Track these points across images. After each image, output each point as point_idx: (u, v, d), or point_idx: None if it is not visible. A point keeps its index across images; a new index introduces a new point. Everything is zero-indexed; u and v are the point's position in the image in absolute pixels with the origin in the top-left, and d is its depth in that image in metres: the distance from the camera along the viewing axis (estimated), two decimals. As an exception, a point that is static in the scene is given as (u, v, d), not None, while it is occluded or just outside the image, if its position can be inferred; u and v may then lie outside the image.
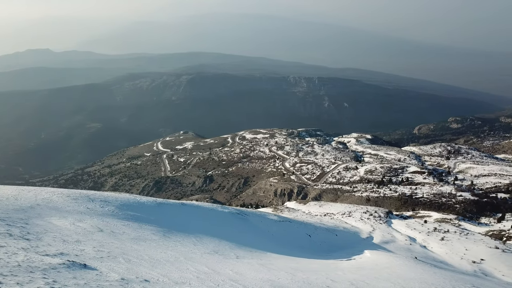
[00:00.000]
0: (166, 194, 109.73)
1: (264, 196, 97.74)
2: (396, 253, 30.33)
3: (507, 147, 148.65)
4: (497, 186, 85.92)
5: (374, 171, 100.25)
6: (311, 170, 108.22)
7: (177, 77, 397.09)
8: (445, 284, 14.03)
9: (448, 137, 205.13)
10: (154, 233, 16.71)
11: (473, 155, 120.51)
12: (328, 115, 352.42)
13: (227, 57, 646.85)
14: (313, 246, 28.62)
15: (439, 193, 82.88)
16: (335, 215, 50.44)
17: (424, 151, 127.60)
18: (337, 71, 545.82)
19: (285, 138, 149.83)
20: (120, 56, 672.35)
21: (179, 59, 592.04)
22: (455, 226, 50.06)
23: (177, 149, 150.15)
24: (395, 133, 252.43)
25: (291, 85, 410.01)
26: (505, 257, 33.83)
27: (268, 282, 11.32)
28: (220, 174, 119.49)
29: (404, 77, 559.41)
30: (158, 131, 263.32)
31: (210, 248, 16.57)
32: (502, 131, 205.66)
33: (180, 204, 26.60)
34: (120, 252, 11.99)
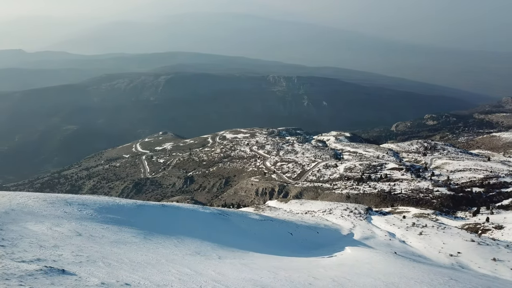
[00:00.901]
0: (146, 196, 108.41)
1: (245, 195, 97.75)
2: (376, 248, 30.83)
3: (481, 142, 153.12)
4: (472, 180, 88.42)
5: (353, 168, 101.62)
6: (292, 168, 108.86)
7: (155, 77, 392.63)
8: (423, 277, 14.34)
9: (425, 134, 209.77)
10: (135, 235, 16.47)
11: (449, 151, 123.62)
12: (308, 114, 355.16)
13: (206, 57, 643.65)
14: (295, 244, 28.80)
15: (416, 188, 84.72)
16: (316, 213, 50.90)
17: (402, 148, 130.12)
18: (316, 70, 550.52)
19: (265, 137, 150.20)
20: (96, 57, 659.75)
21: (157, 59, 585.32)
22: (432, 221, 51.25)
23: (156, 150, 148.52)
24: (373, 130, 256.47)
25: (271, 84, 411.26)
26: (480, 250, 34.83)
27: (250, 282, 11.32)
28: (200, 174, 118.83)
29: (381, 75, 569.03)
30: (136, 132, 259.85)
31: (192, 249, 16.45)
32: (476, 127, 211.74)
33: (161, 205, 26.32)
34: (99, 256, 11.77)
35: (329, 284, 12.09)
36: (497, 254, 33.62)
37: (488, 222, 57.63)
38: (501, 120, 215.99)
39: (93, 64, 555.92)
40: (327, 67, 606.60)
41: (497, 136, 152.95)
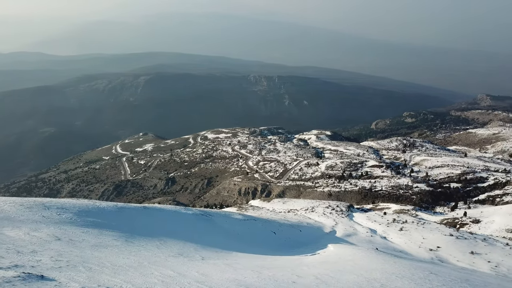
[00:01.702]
0: (127, 198, 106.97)
1: (228, 195, 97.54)
2: (358, 245, 31.22)
3: (458, 139, 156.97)
4: (449, 176, 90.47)
5: (334, 166, 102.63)
6: (274, 167, 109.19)
7: (135, 77, 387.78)
8: (404, 272, 14.58)
9: (404, 131, 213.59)
10: (116, 238, 16.23)
11: (427, 148, 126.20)
12: (289, 113, 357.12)
13: (187, 57, 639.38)
14: (278, 243, 28.89)
15: (396, 185, 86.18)
16: (299, 211, 51.19)
17: (382, 145, 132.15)
18: (296, 69, 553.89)
19: (247, 137, 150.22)
20: (73, 57, 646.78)
21: (136, 59, 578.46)
22: (412, 217, 52.24)
23: (137, 151, 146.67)
24: (353, 128, 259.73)
25: (252, 84, 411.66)
26: (459, 244, 35.68)
27: (234, 282, 11.30)
28: (182, 175, 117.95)
29: (361, 74, 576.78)
30: (116, 133, 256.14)
31: (175, 251, 16.31)
32: (453, 124, 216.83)
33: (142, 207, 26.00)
34: (80, 260, 11.55)
35: (313, 281, 12.17)
36: (475, 247, 34.51)
37: (466, 216, 59.11)
38: (476, 116, 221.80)
39: (70, 65, 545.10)
40: (308, 66, 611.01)
41: (473, 133, 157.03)
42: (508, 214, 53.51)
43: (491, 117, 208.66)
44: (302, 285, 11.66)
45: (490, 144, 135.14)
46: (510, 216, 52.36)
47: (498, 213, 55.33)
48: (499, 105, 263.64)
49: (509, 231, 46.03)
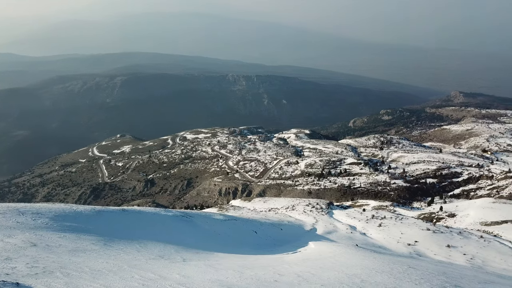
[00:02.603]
0: (105, 201, 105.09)
1: (208, 196, 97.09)
2: (338, 242, 31.57)
3: (433, 135, 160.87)
4: (426, 172, 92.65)
5: (314, 164, 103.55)
6: (254, 167, 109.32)
7: (111, 78, 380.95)
8: (384, 267, 14.82)
9: (381, 129, 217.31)
10: (94, 242, 15.90)
11: (404, 145, 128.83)
12: (268, 112, 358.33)
13: (164, 57, 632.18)
14: (260, 242, 28.93)
15: (375, 182, 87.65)
16: (280, 210, 51.40)
17: (360, 143, 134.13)
18: (275, 68, 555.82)
19: (227, 136, 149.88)
20: (46, 58, 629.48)
21: (112, 59, 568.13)
22: (390, 212, 53.20)
23: (114, 153, 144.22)
24: (331, 127, 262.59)
25: (230, 84, 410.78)
26: (435, 238, 36.56)
27: (216, 283, 11.24)
28: (161, 177, 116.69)
29: (338, 73, 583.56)
30: (93, 135, 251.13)
31: (155, 253, 16.11)
32: (428, 121, 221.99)
33: (121, 210, 25.57)
34: (57, 266, 11.26)
35: (294, 279, 12.24)
36: (451, 241, 35.44)
37: (442, 211, 60.63)
38: (450, 113, 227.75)
39: (43, 66, 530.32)
40: (286, 66, 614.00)
41: (448, 129, 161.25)
42: (482, 207, 55.18)
43: (464, 113, 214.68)
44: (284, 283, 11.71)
45: (463, 140, 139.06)
46: (484, 209, 54.00)
47: (473, 207, 56.98)
48: (471, 102, 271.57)
49: (483, 224, 47.47)
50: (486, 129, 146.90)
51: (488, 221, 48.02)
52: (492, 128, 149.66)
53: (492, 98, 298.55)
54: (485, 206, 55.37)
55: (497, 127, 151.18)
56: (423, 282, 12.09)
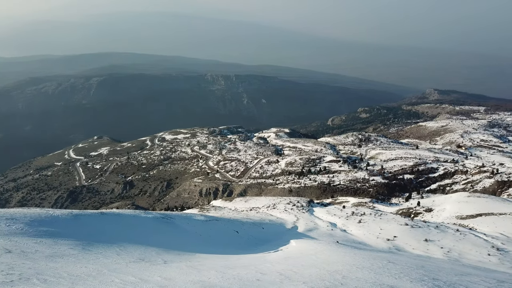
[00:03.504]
0: (83, 204, 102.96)
1: (189, 197, 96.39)
2: (319, 239, 31.85)
3: (410, 132, 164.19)
4: (403, 168, 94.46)
5: (294, 163, 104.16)
6: (235, 166, 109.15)
7: (86, 79, 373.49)
8: (364, 263, 15.02)
9: (359, 126, 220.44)
10: (72, 247, 15.54)
11: (382, 142, 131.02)
12: (248, 112, 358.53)
13: (140, 57, 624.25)
14: (241, 241, 28.90)
15: (354, 179, 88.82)
16: (261, 209, 51.48)
17: (338, 141, 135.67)
18: (253, 68, 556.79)
19: (207, 136, 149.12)
20: (18, 59, 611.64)
21: (87, 60, 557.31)
22: (370, 209, 54.04)
23: (91, 155, 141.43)
24: (311, 125, 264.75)
25: (209, 83, 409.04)
26: (414, 232, 37.31)
27: (198, 284, 11.16)
28: (140, 178, 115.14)
29: (317, 72, 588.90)
30: (69, 138, 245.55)
31: (136, 256, 15.87)
32: (405, 118, 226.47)
33: (99, 213, 25.09)
34: (33, 272, 10.94)
35: (277, 278, 12.27)
36: (428, 235, 36.24)
37: (419, 206, 62.01)
38: (426, 110, 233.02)
39: (15, 67, 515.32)
40: (265, 65, 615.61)
41: (423, 126, 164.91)
42: (457, 202, 56.70)
43: (439, 110, 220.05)
44: (266, 282, 11.72)
45: (439, 136, 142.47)
46: (459, 203, 55.49)
47: (448, 201, 58.49)
48: (445, 99, 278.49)
49: (459, 218, 48.77)
50: (460, 125, 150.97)
51: (464, 215, 49.37)
52: (466, 124, 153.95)
53: (465, 95, 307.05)
54: (461, 200, 56.93)
55: (471, 123, 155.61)
56: (402, 276, 12.32)
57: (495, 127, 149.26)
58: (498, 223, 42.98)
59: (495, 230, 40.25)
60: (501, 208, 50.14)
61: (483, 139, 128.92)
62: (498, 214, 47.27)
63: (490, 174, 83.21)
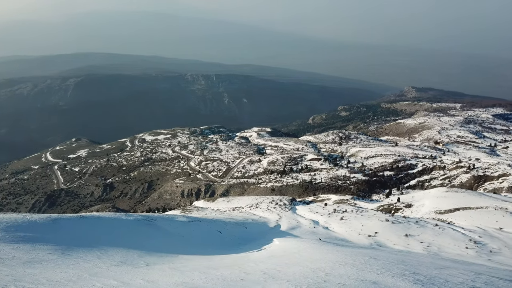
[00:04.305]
0: (62, 208, 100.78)
1: (171, 198, 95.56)
2: (302, 237, 32.05)
3: (389, 129, 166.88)
4: (383, 165, 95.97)
5: (276, 162, 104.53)
6: (217, 167, 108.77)
7: (63, 80, 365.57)
8: (346, 259, 15.18)
9: (339, 125, 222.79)
10: (51, 252, 15.19)
11: (362, 139, 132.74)
12: (229, 111, 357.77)
13: (118, 57, 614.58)
14: (225, 241, 28.83)
15: (335, 176, 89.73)
16: (244, 208, 51.46)
17: (319, 139, 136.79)
18: (234, 67, 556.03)
19: (188, 137, 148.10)
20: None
21: (64, 60, 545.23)
22: (351, 206, 54.69)
23: (70, 158, 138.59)
24: (292, 124, 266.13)
25: (189, 83, 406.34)
26: (394, 228, 37.96)
27: (182, 285, 11.07)
28: (121, 180, 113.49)
29: (297, 71, 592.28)
30: (46, 140, 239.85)
31: (117, 259, 15.63)
32: (384, 116, 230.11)
33: (79, 217, 24.60)
34: (11, 279, 10.65)
35: (260, 277, 12.28)
36: (408, 230, 36.93)
37: (399, 202, 63.07)
38: (404, 108, 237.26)
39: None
40: (245, 64, 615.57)
41: (402, 123, 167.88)
42: (436, 197, 57.94)
43: (417, 107, 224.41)
44: (250, 281, 11.72)
45: (417, 133, 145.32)
46: (438, 198, 56.72)
47: (427, 197, 59.70)
48: (423, 96, 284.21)
49: (437, 213, 49.85)
50: (437, 122, 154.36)
51: (442, 210, 50.50)
52: (443, 121, 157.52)
53: (442, 92, 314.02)
54: (439, 196, 58.20)
55: (448, 120, 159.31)
56: (384, 271, 12.50)
57: (471, 123, 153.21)
58: (475, 217, 44.15)
59: (472, 223, 41.35)
60: (478, 202, 51.51)
61: (460, 135, 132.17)
62: (475, 208, 48.54)
63: (466, 169, 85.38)
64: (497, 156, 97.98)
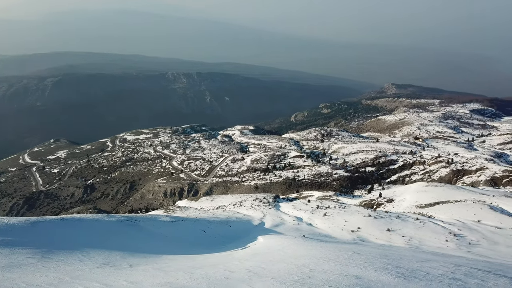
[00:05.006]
0: (41, 210, 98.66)
1: (153, 198, 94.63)
2: (286, 234, 32.18)
3: (370, 126, 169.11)
4: (364, 161, 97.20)
5: (259, 159, 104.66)
6: (200, 165, 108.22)
7: (40, 80, 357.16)
8: (330, 255, 15.32)
9: (321, 122, 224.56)
10: (31, 256, 14.83)
11: (343, 136, 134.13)
12: (211, 110, 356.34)
13: (98, 56, 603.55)
14: (209, 240, 28.71)
15: (318, 173, 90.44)
16: (227, 207, 51.36)
17: (302, 137, 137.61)
18: (215, 66, 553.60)
19: (170, 136, 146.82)
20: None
21: (41, 60, 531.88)
22: (334, 202, 55.21)
23: (48, 159, 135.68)
24: (274, 122, 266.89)
25: (171, 82, 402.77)
26: (376, 223, 38.51)
27: (166, 286, 10.97)
28: (102, 181, 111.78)
29: (279, 69, 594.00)
30: (23, 142, 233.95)
31: (99, 261, 15.38)
32: (365, 112, 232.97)
33: (59, 219, 24.11)
34: (-12, 285, 10.36)
35: (245, 275, 12.27)
36: (390, 224, 37.52)
37: (381, 197, 64.02)
38: (384, 104, 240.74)
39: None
40: (226, 62, 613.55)
41: (383, 119, 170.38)
42: (416, 191, 59.03)
43: (397, 104, 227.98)
44: (235, 279, 11.70)
45: (397, 129, 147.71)
46: (418, 193, 57.81)
47: (408, 192, 60.77)
48: (403, 93, 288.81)
49: (418, 207, 50.80)
50: (417, 118, 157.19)
51: (423, 204, 51.49)
52: (422, 116, 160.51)
53: (421, 89, 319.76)
54: (419, 190, 59.32)
55: (427, 116, 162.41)
56: (367, 266, 12.66)
57: (449, 119, 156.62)
58: (454, 210, 45.18)
59: (452, 217, 42.30)
60: (457, 195, 52.72)
61: (439, 130, 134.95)
62: (454, 201, 49.67)
63: (445, 164, 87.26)
64: (475, 151, 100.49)
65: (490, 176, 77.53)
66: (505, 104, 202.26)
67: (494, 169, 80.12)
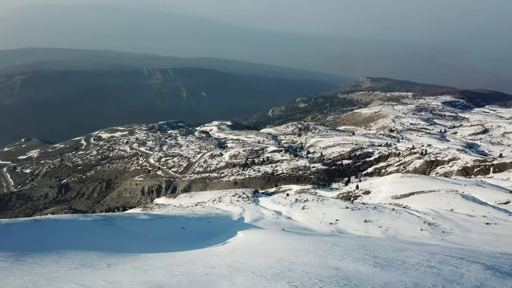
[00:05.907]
0: (13, 212, 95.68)
1: (130, 196, 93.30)
2: (266, 228, 32.34)
3: (346, 119, 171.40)
4: (341, 154, 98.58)
5: (237, 155, 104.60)
6: (178, 162, 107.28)
7: (8, 77, 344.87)
8: (309, 247, 15.49)
9: (298, 116, 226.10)
10: (4, 259, 14.39)
11: (320, 130, 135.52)
12: (188, 106, 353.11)
13: (68, 52, 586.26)
14: (188, 237, 28.55)
15: (296, 167, 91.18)
16: (206, 203, 51.16)
17: (279, 131, 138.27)
18: (190, 61, 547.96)
19: (146, 133, 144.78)
20: None
21: (7, 57, 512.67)
22: (312, 195, 55.82)
23: (20, 159, 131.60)
24: (252, 117, 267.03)
25: (146, 78, 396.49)
26: (354, 215, 39.17)
27: (146, 284, 10.85)
28: (77, 180, 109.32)
29: (255, 63, 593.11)
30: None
31: (76, 262, 15.06)
32: (341, 106, 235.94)
33: (33, 220, 23.45)
34: (-41, 291, 10.01)
35: (226, 270, 12.27)
36: (367, 216, 38.24)
37: (358, 189, 65.13)
38: (360, 98, 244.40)
39: None
40: (201, 58, 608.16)
41: (358, 112, 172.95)
42: (392, 183, 60.34)
43: (372, 97, 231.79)
44: (215, 275, 11.68)
45: (373, 121, 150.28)
46: (394, 184, 59.11)
47: (384, 183, 62.06)
48: (377, 86, 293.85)
49: (394, 198, 51.95)
50: (391, 111, 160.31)
51: (398, 194, 52.70)
52: (397, 109, 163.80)
53: (394, 82, 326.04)
54: (395, 181, 60.67)
55: (401, 108, 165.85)
56: (345, 257, 12.86)
57: (422, 111, 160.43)
58: (428, 200, 46.44)
59: (426, 206, 43.47)
60: (430, 185, 54.20)
61: (412, 122, 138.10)
62: (428, 191, 51.04)
63: (419, 155, 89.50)
64: (447, 142, 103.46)
65: (462, 166, 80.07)
66: (475, 96, 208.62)
67: (466, 159, 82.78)
